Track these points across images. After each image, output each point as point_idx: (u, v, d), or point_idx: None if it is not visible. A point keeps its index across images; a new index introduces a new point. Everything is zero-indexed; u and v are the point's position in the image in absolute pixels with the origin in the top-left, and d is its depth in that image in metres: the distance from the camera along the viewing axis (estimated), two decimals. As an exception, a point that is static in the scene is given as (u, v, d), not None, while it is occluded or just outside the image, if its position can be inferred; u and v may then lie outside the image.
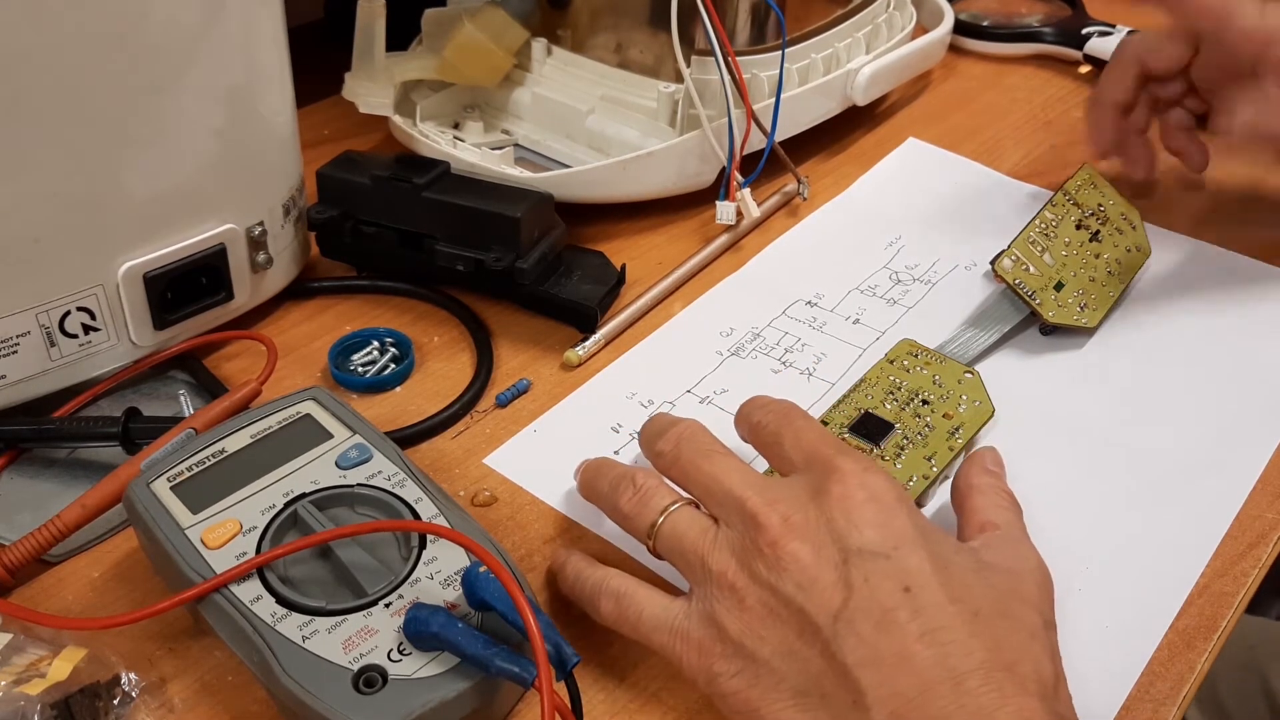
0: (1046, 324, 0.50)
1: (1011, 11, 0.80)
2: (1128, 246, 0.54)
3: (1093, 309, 0.51)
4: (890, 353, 0.48)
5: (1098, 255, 0.53)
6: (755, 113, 0.57)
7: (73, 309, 0.44)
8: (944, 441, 0.43)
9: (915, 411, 0.44)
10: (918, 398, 0.45)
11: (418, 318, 0.53)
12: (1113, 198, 0.55)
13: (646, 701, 0.36)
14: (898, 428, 0.44)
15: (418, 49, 0.64)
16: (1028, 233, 0.52)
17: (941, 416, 0.44)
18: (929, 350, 0.48)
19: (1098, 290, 0.52)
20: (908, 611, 0.31)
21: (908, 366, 0.46)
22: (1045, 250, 0.51)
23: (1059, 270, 0.51)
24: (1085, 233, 0.53)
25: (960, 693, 0.29)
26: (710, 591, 0.34)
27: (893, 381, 0.46)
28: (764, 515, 0.33)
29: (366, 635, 0.34)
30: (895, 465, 0.42)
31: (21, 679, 0.34)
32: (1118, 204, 0.55)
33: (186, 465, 0.39)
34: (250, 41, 0.46)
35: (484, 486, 0.44)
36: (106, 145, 0.42)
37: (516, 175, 0.56)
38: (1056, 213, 0.53)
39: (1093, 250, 0.53)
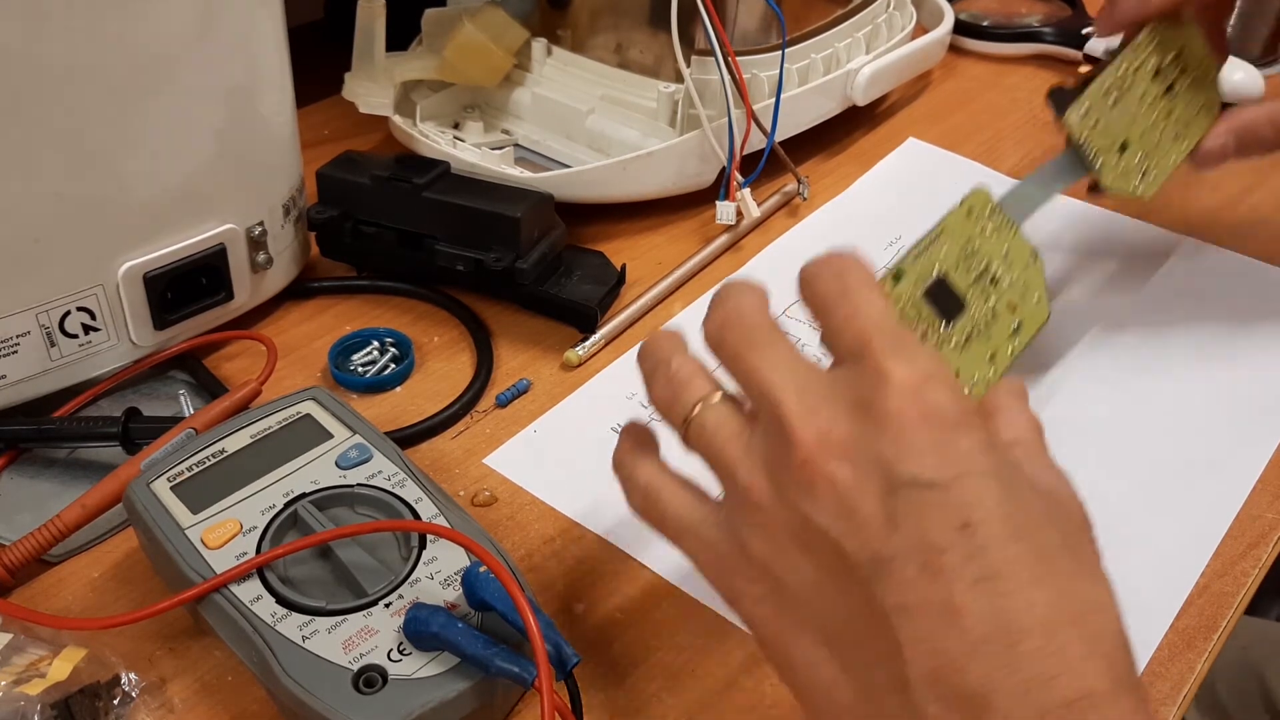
0: (1098, 185, 0.45)
1: (1011, 11, 0.80)
2: (1200, 105, 0.48)
3: (1151, 180, 0.46)
4: (968, 200, 0.41)
5: (1169, 114, 0.47)
6: (755, 113, 0.57)
7: (73, 309, 0.44)
8: (1005, 339, 0.39)
9: (984, 290, 0.39)
10: (989, 272, 0.39)
11: (418, 318, 0.53)
12: (1196, 39, 0.48)
13: (646, 701, 0.36)
14: (969, 306, 0.38)
15: (418, 49, 0.64)
16: (1105, 79, 0.45)
17: (1006, 306, 0.39)
18: (1001, 213, 0.41)
19: (1159, 156, 0.46)
20: (962, 553, 0.26)
21: (984, 227, 0.40)
22: (1119, 101, 0.45)
23: (1128, 128, 0.45)
24: (1161, 84, 0.46)
25: (1014, 655, 0.25)
26: (738, 504, 0.29)
27: (969, 241, 0.40)
28: (799, 426, 0.28)
29: (366, 635, 0.34)
30: (959, 355, 0.37)
31: (21, 679, 0.34)
32: (1199, 50, 0.48)
33: (186, 465, 0.39)
34: (250, 41, 0.46)
35: (484, 486, 0.44)
36: (107, 145, 0.42)
37: (516, 175, 0.56)
38: (1138, 55, 0.46)
39: (1165, 108, 0.46)
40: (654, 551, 0.41)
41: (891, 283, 0.36)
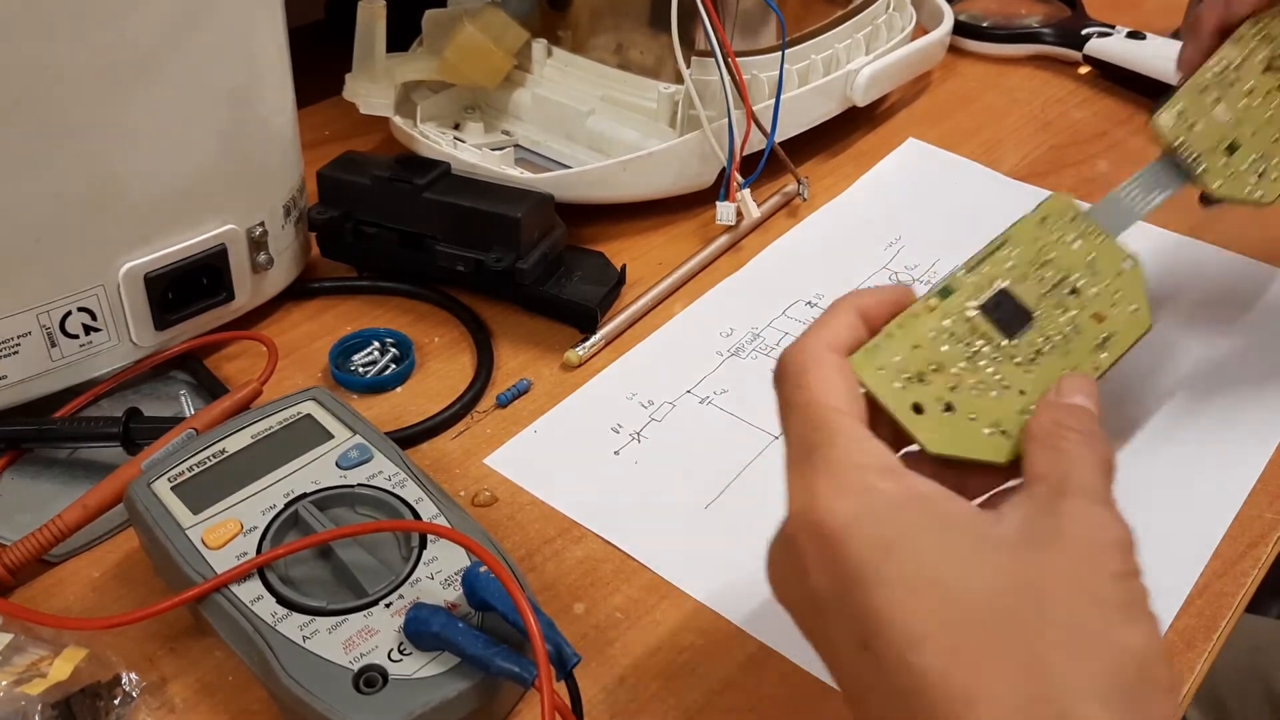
0: (1210, 196, 0.41)
1: (1011, 12, 0.80)
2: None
3: (1273, 178, 0.41)
4: (1043, 207, 0.36)
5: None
6: (755, 113, 0.57)
7: (74, 309, 0.44)
8: (1089, 353, 0.34)
9: (1060, 302, 0.35)
10: (1066, 283, 0.35)
11: (418, 318, 0.53)
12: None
13: (647, 701, 0.36)
14: (1039, 320, 0.34)
15: (418, 50, 0.64)
16: (1200, 77, 0.42)
17: (1090, 317, 0.35)
18: (1088, 218, 0.37)
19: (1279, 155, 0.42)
20: (869, 674, 0.26)
21: (1061, 234, 0.36)
22: (1220, 99, 0.41)
23: (1235, 127, 0.41)
24: (1275, 76, 0.42)
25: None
26: None
27: (1041, 250, 0.35)
28: (766, 563, 0.30)
29: (367, 635, 0.34)
30: (1026, 373, 0.33)
31: (22, 679, 0.34)
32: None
33: (187, 465, 0.39)
34: (251, 42, 0.46)
35: (484, 486, 0.44)
36: (107, 146, 0.42)
37: (517, 176, 0.56)
38: (1240, 49, 0.42)
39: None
40: (654, 552, 0.41)
41: (938, 298, 0.33)
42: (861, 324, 0.32)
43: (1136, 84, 0.71)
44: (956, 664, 0.24)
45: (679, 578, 0.40)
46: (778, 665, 0.37)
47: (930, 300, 0.33)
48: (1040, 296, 0.35)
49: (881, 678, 0.25)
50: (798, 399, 0.30)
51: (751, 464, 0.45)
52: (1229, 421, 0.47)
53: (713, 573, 0.41)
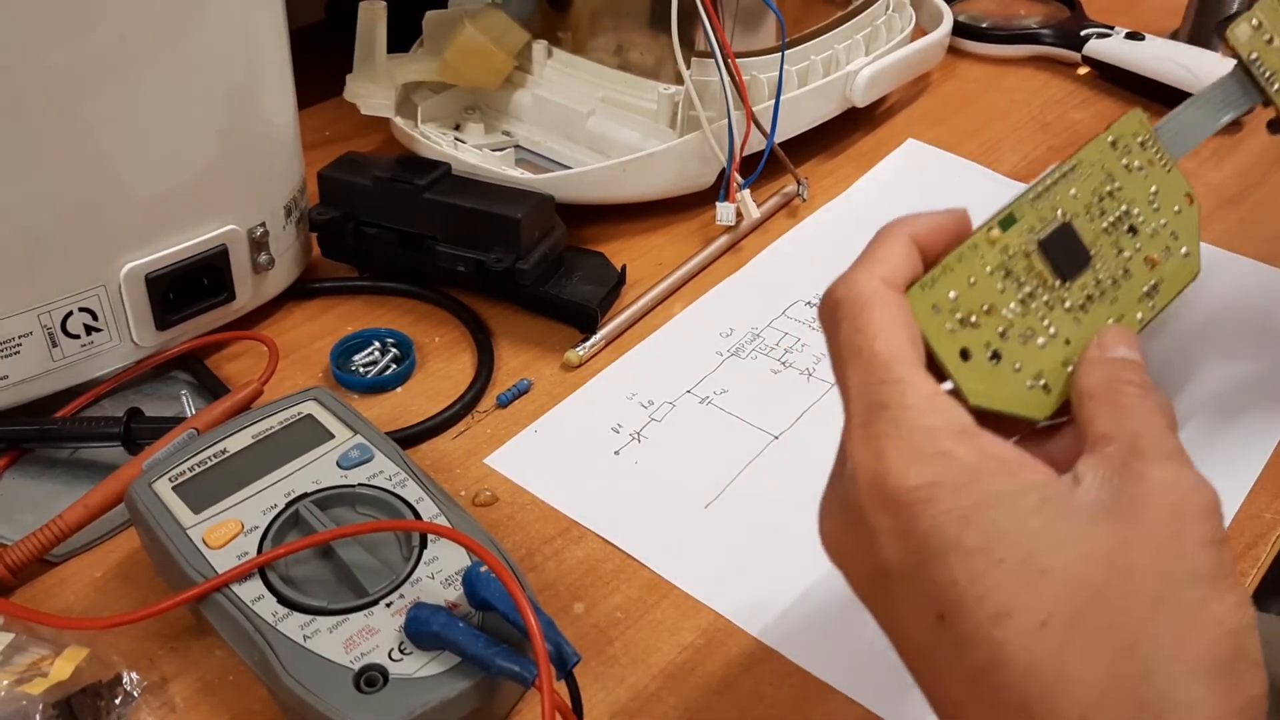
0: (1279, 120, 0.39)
1: (1010, 13, 0.80)
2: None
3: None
4: (1115, 128, 0.34)
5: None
6: (755, 114, 0.57)
7: (75, 309, 0.44)
8: (1135, 302, 0.32)
9: (1118, 241, 0.32)
10: (1127, 219, 0.33)
11: (419, 318, 0.53)
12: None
13: (646, 701, 0.37)
14: (1096, 260, 0.32)
15: (419, 51, 0.64)
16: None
17: (1144, 261, 0.32)
18: (1157, 142, 0.34)
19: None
20: (949, 647, 0.25)
21: (1130, 161, 0.33)
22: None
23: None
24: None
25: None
26: None
27: (1107, 178, 0.33)
28: (818, 521, 0.29)
29: (368, 635, 0.34)
30: (1074, 321, 0.31)
31: (23, 678, 0.34)
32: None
33: (188, 465, 0.39)
34: (251, 43, 0.46)
35: (485, 486, 0.44)
36: (108, 146, 0.42)
37: (517, 176, 0.56)
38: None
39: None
40: (654, 551, 0.41)
41: (999, 229, 0.30)
42: (917, 254, 0.29)
43: (1135, 85, 0.72)
44: (1044, 640, 0.23)
45: (679, 577, 0.41)
46: (778, 665, 0.38)
47: (991, 230, 0.30)
48: (1099, 234, 0.32)
49: (957, 653, 0.24)
50: (857, 345, 0.27)
51: (751, 464, 0.45)
52: (1228, 421, 0.47)
53: (713, 572, 0.41)
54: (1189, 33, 0.77)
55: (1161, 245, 0.33)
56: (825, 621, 0.39)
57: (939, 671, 0.25)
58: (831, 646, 0.38)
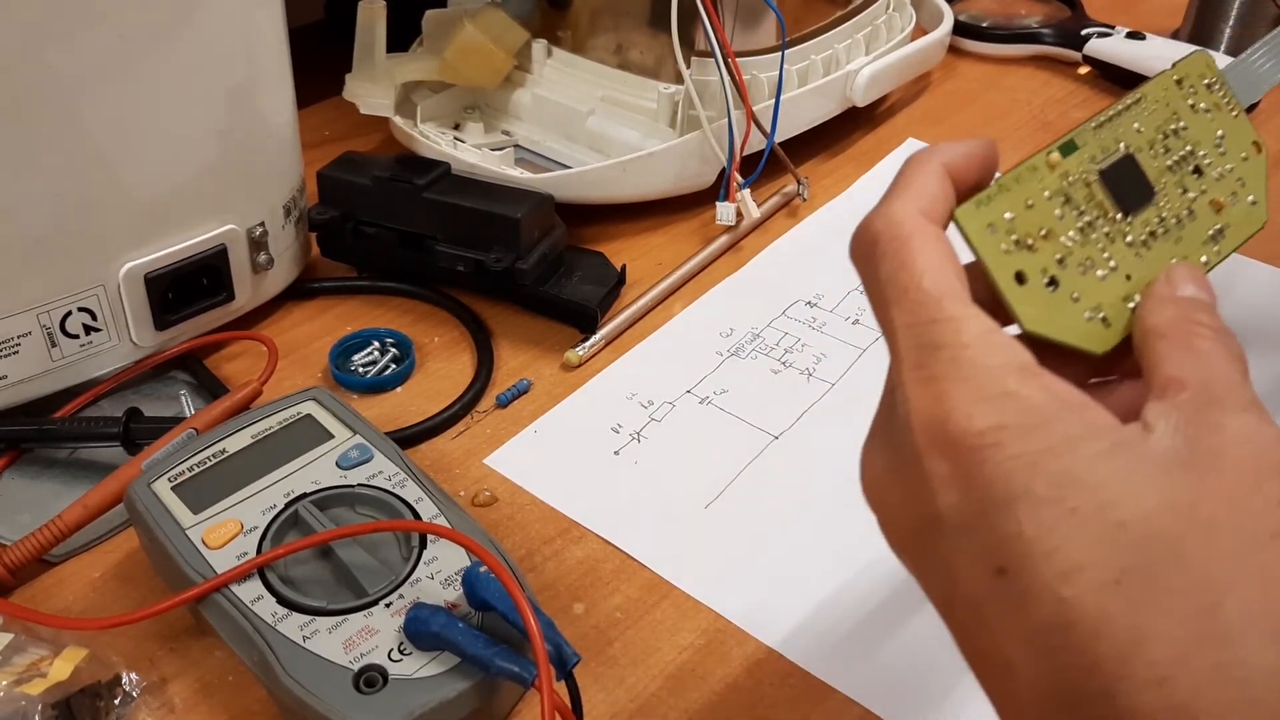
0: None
1: (1011, 13, 0.80)
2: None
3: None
4: (1180, 66, 0.33)
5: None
6: (755, 114, 0.57)
7: (74, 309, 0.44)
8: (1200, 245, 0.31)
9: (1182, 181, 0.31)
10: (1191, 159, 0.32)
11: (418, 318, 0.53)
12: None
13: (646, 701, 0.37)
14: (1160, 197, 0.30)
15: (418, 50, 0.64)
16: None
17: (1209, 204, 0.31)
18: (1224, 85, 0.33)
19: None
20: (1001, 603, 0.23)
21: (1196, 102, 0.32)
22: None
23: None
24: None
25: None
26: None
27: (1172, 116, 0.32)
28: (860, 457, 0.27)
29: (367, 635, 0.34)
30: (1136, 257, 0.29)
31: (22, 679, 0.34)
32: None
33: (187, 465, 0.39)
34: (251, 42, 0.46)
35: (484, 486, 0.44)
36: (107, 146, 0.42)
37: (517, 176, 0.56)
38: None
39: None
40: (654, 552, 0.41)
41: (1059, 153, 0.29)
42: (950, 185, 0.28)
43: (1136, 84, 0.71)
44: (1118, 598, 0.21)
45: (679, 578, 0.40)
46: (778, 665, 0.38)
47: (1051, 154, 0.29)
48: (1163, 171, 0.31)
49: (1017, 610, 0.22)
50: (902, 282, 0.25)
51: (751, 464, 0.45)
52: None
53: (713, 573, 0.41)
54: (1190, 32, 0.77)
55: (1228, 190, 0.32)
56: (825, 621, 0.39)
57: (991, 628, 0.23)
58: (831, 646, 0.38)
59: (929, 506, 0.24)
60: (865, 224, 0.27)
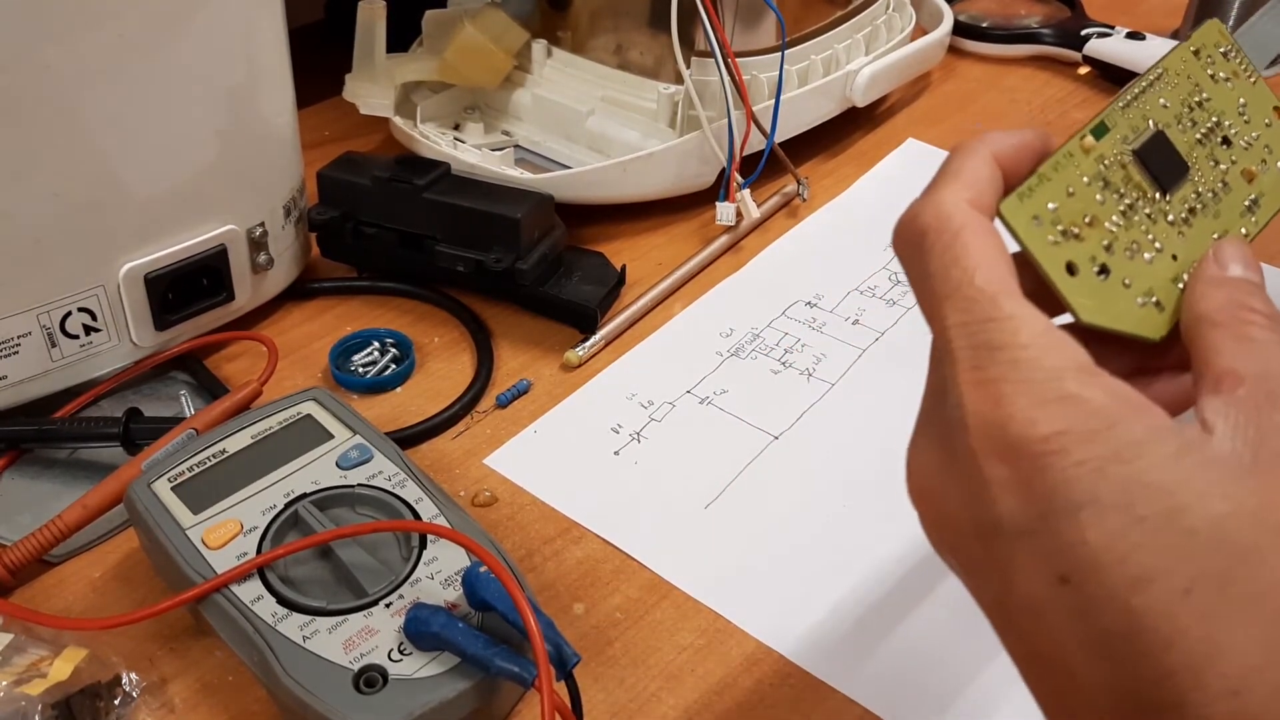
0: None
1: (1011, 13, 0.80)
2: None
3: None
4: (1196, 37, 0.32)
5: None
6: (755, 114, 0.57)
7: (74, 310, 0.44)
8: (1238, 217, 0.30)
9: (1213, 153, 0.31)
10: (1219, 130, 0.31)
11: (418, 318, 0.53)
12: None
13: (646, 701, 0.37)
14: (1194, 171, 0.30)
15: (418, 50, 0.64)
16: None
17: (1240, 174, 0.31)
18: (1240, 52, 0.33)
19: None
20: (1066, 608, 0.23)
21: (1215, 71, 0.32)
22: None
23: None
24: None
25: None
26: None
27: (1194, 89, 0.31)
28: (906, 461, 0.27)
29: (367, 635, 0.34)
30: (1179, 235, 0.29)
31: (22, 679, 0.34)
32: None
33: (187, 466, 0.39)
34: (251, 42, 0.46)
35: (484, 487, 0.44)
36: (107, 146, 0.42)
37: (517, 176, 0.56)
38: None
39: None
40: (654, 552, 0.41)
41: (1092, 137, 0.29)
42: (1000, 175, 0.27)
43: (1136, 84, 0.71)
44: (1189, 607, 0.21)
45: (679, 578, 0.40)
46: (778, 665, 0.38)
47: (1084, 138, 0.28)
48: (1193, 145, 0.31)
49: (1081, 619, 0.22)
50: (955, 279, 0.24)
51: (751, 464, 0.45)
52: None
53: (713, 573, 0.41)
54: (1190, 32, 0.77)
55: (1257, 158, 0.31)
56: (825, 621, 0.39)
57: (1052, 635, 0.23)
58: (831, 646, 0.38)
59: (986, 511, 0.23)
60: (912, 214, 0.26)
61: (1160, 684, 0.21)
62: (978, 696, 0.36)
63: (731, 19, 0.58)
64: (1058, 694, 0.23)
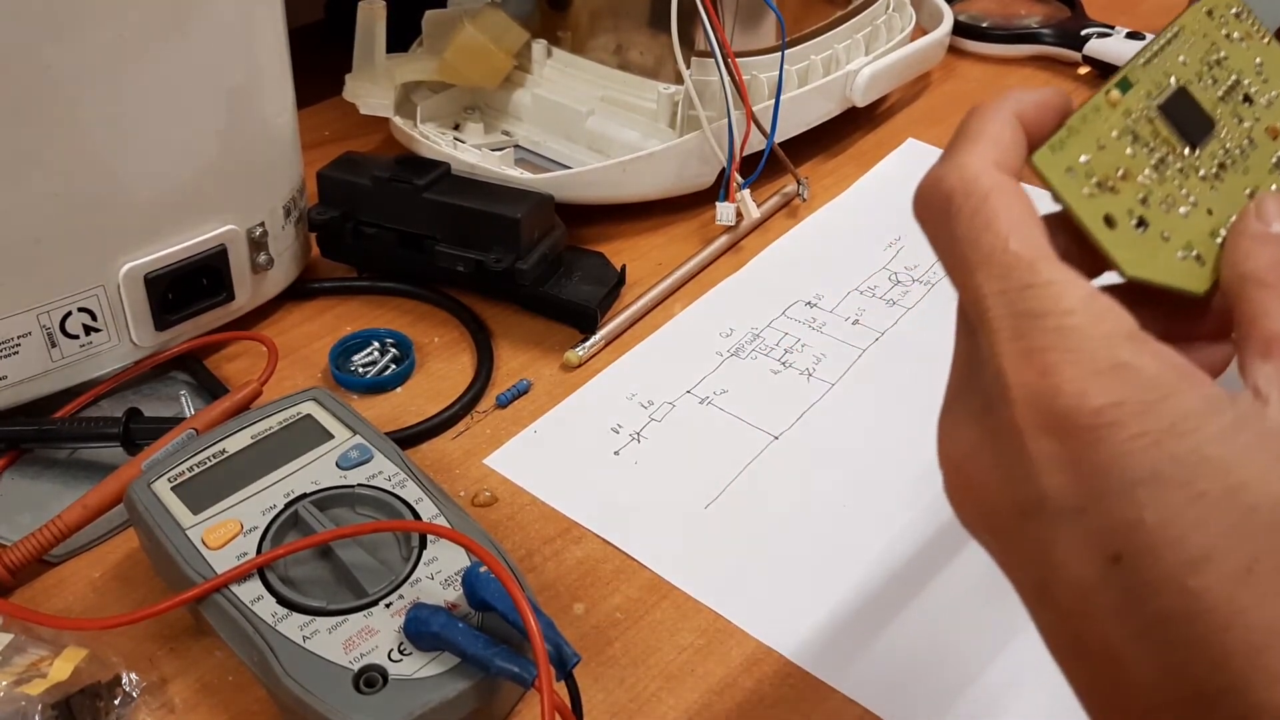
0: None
1: (1011, 13, 0.80)
2: None
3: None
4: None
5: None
6: (755, 114, 0.57)
7: (74, 310, 0.44)
8: (1267, 173, 0.30)
9: (1236, 110, 0.30)
10: (1239, 88, 0.31)
11: (418, 318, 0.53)
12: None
13: (646, 701, 0.37)
14: (1219, 126, 0.30)
15: (418, 50, 0.64)
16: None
17: (1265, 131, 0.30)
18: (1251, 14, 0.32)
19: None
20: (1115, 592, 0.22)
21: (1230, 31, 0.32)
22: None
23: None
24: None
25: None
26: None
27: (1212, 48, 0.31)
28: (937, 438, 0.25)
29: (367, 635, 0.34)
30: (1211, 190, 0.29)
31: (22, 679, 0.34)
32: None
33: (187, 466, 0.39)
34: (251, 42, 0.46)
35: (484, 487, 0.44)
36: (107, 146, 0.42)
37: (517, 176, 0.56)
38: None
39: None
40: (654, 552, 0.41)
41: (1118, 91, 0.28)
42: (1024, 136, 0.26)
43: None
44: (1249, 588, 0.20)
45: (679, 578, 0.40)
46: (778, 665, 0.38)
47: (1110, 93, 0.28)
48: (1216, 101, 0.30)
49: (1134, 600, 0.21)
50: (986, 245, 0.23)
51: (751, 464, 0.45)
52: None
53: (713, 573, 0.41)
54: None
55: (1279, 115, 0.31)
56: (825, 621, 0.39)
57: (1098, 619, 0.22)
58: (831, 646, 0.38)
59: (1030, 488, 0.22)
60: (935, 179, 0.25)
61: (1217, 667, 0.20)
62: (979, 696, 0.36)
63: (731, 19, 0.58)
64: (1102, 682, 0.22)
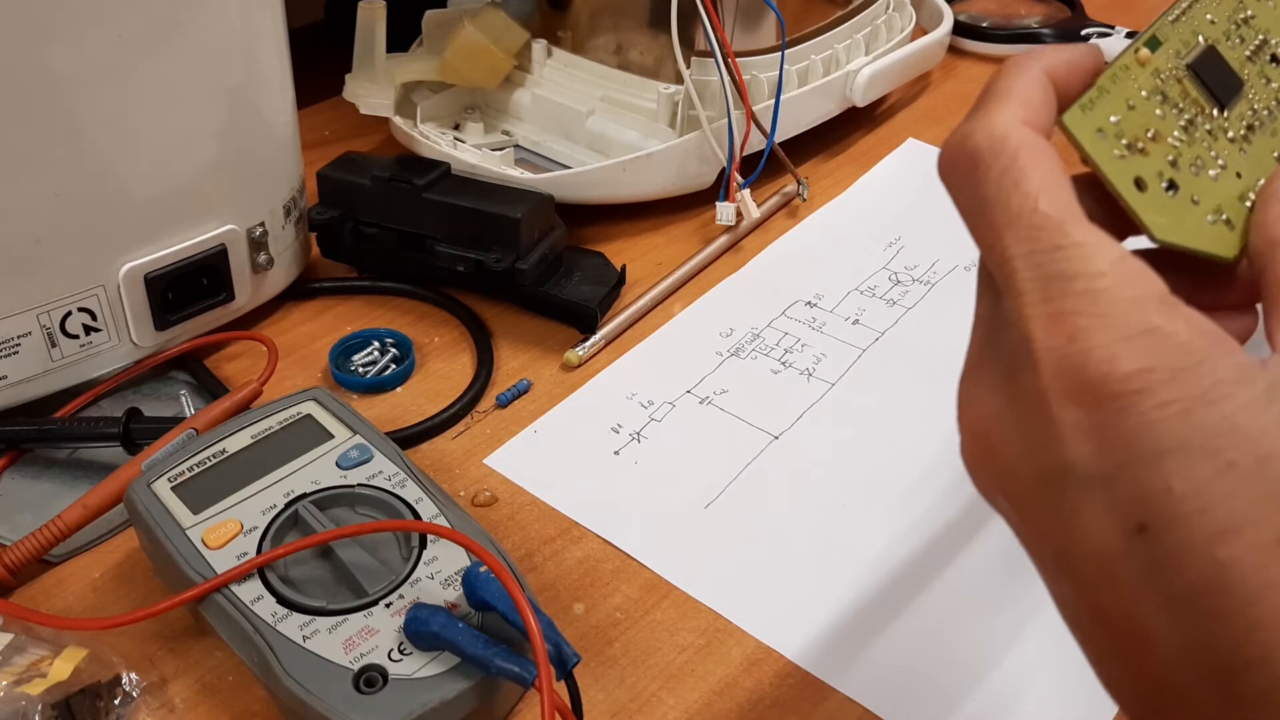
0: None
1: (1011, 13, 0.80)
2: None
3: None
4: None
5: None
6: (755, 114, 0.57)
7: (74, 309, 0.44)
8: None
9: (1263, 70, 0.30)
10: (1267, 49, 0.30)
11: (418, 318, 0.53)
12: None
13: (646, 701, 0.37)
14: (1248, 87, 0.29)
15: (418, 50, 0.64)
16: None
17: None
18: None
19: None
20: (1140, 564, 0.21)
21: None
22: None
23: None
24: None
25: None
26: None
27: (1239, 6, 0.30)
28: (958, 406, 0.25)
29: (367, 635, 0.34)
30: (1240, 152, 0.28)
31: (22, 679, 0.34)
32: None
33: (187, 465, 0.39)
34: (251, 42, 0.46)
35: (484, 487, 0.44)
36: (107, 146, 0.42)
37: (517, 176, 0.56)
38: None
39: None
40: (654, 551, 0.41)
41: (1147, 50, 0.28)
42: (1053, 93, 0.25)
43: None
44: (1278, 561, 0.20)
45: (679, 578, 0.40)
46: (778, 665, 0.38)
47: (1139, 51, 0.27)
48: (1244, 61, 0.29)
49: (1159, 572, 0.20)
50: (1015, 205, 0.23)
51: (751, 464, 0.45)
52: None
53: (713, 572, 0.41)
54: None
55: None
56: (825, 621, 0.39)
57: (1122, 591, 0.21)
58: (831, 646, 0.38)
59: (1054, 455, 0.22)
60: (961, 137, 0.24)
61: (1245, 641, 0.20)
62: (980, 696, 0.36)
63: (731, 19, 0.58)
64: (1122, 655, 0.22)
